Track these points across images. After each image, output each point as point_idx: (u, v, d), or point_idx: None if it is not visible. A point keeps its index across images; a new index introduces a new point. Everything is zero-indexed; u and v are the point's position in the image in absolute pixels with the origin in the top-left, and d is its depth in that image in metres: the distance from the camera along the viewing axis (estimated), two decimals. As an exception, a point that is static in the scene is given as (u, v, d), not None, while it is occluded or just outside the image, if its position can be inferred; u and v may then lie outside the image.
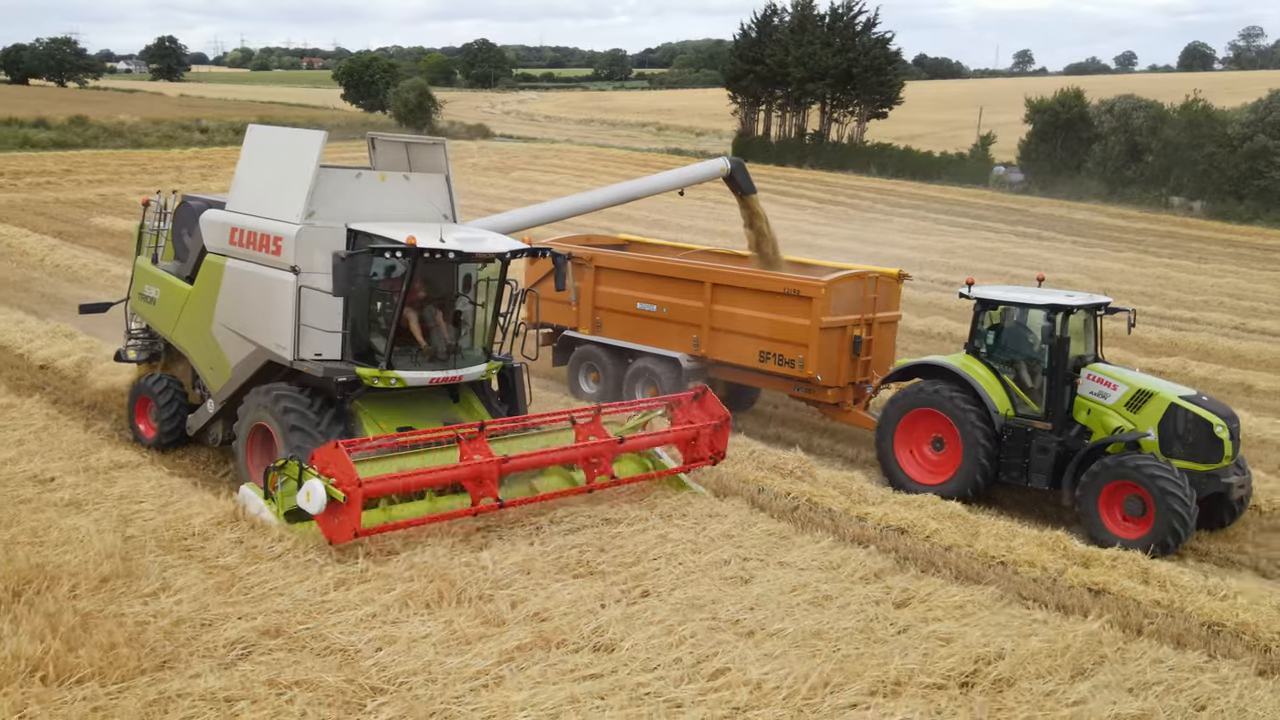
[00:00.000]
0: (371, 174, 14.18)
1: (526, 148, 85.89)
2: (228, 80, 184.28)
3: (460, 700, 8.10)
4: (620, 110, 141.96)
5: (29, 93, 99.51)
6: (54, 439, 13.72)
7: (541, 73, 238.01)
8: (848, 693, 8.55)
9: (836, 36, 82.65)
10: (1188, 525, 13.38)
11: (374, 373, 12.99)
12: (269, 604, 9.40)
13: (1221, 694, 9.09)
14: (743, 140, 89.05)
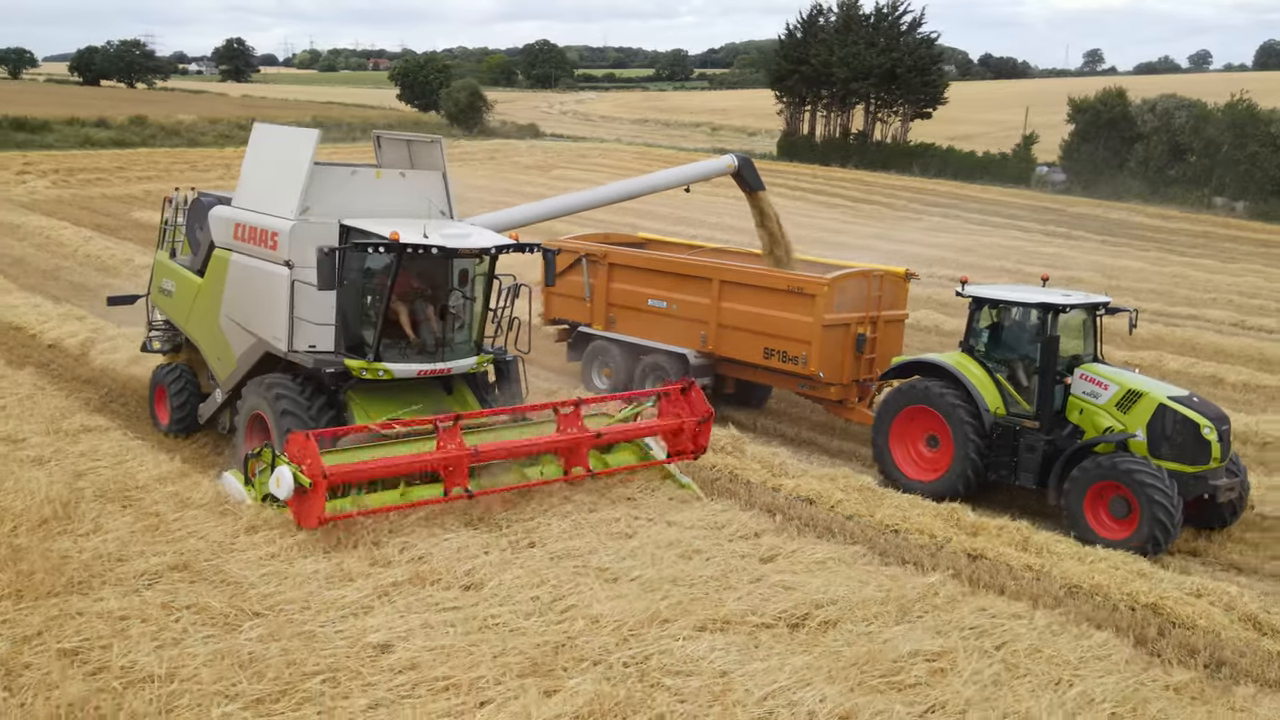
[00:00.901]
0: (367, 171, 14.51)
1: (574, 147, 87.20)
2: (294, 81, 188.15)
3: (327, 624, 9.24)
4: (675, 110, 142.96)
5: (98, 93, 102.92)
6: (35, 406, 15.11)
7: (603, 73, 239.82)
8: (674, 627, 9.55)
9: (881, 36, 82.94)
10: (1172, 527, 13.29)
11: (362, 364, 13.26)
12: (184, 544, 10.63)
13: (1025, 637, 9.97)
14: (788, 140, 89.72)
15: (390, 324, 13.58)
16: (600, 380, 19.54)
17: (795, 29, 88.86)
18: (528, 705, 8.06)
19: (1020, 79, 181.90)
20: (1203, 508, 14.35)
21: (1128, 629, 11.17)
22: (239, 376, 14.37)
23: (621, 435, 13.94)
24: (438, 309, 14.05)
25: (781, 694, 8.54)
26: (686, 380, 14.24)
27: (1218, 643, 11.10)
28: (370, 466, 11.72)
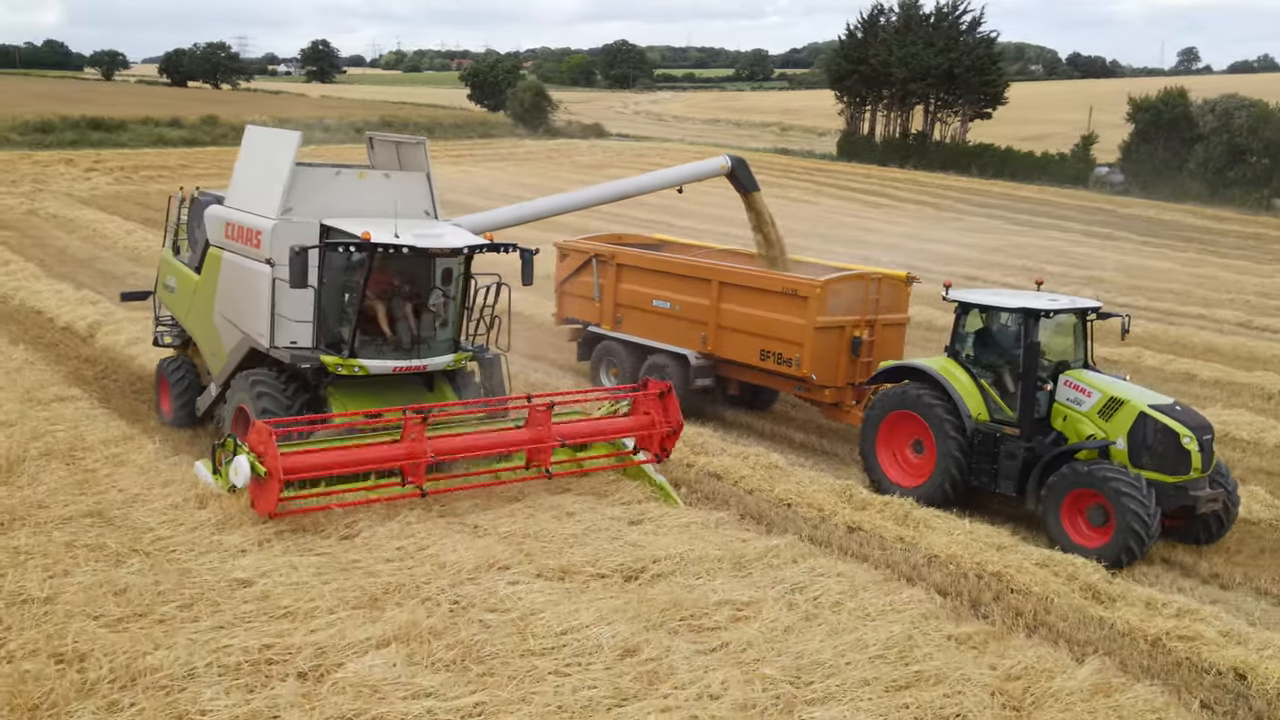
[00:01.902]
0: (350, 172, 14.80)
1: (634, 147, 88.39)
2: (378, 81, 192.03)
3: (202, 564, 10.55)
4: (748, 110, 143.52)
5: (181, 94, 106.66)
6: (18, 376, 16.71)
7: (683, 73, 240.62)
8: (512, 573, 10.68)
9: (940, 36, 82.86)
10: (1147, 537, 13.08)
11: (337, 360, 13.56)
12: (105, 496, 12.05)
13: (836, 592, 10.91)
14: (848, 140, 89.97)
15: (369, 321, 13.93)
16: (608, 380, 19.60)
17: (856, 29, 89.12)
18: (346, 629, 9.27)
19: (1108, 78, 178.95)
20: (1190, 521, 14.07)
21: (960, 592, 12.03)
22: (229, 371, 14.71)
23: (586, 434, 14.05)
24: (415, 307, 14.30)
25: (580, 630, 9.63)
26: (664, 385, 14.37)
27: (1046, 606, 11.91)
28: (327, 460, 12.02)
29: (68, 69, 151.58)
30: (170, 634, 9.12)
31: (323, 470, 12.01)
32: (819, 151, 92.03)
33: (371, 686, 8.49)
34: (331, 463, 12.06)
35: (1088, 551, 13.30)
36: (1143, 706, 9.22)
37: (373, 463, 12.27)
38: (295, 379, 13.97)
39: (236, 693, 8.25)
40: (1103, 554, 13.19)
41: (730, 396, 19.36)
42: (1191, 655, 11.01)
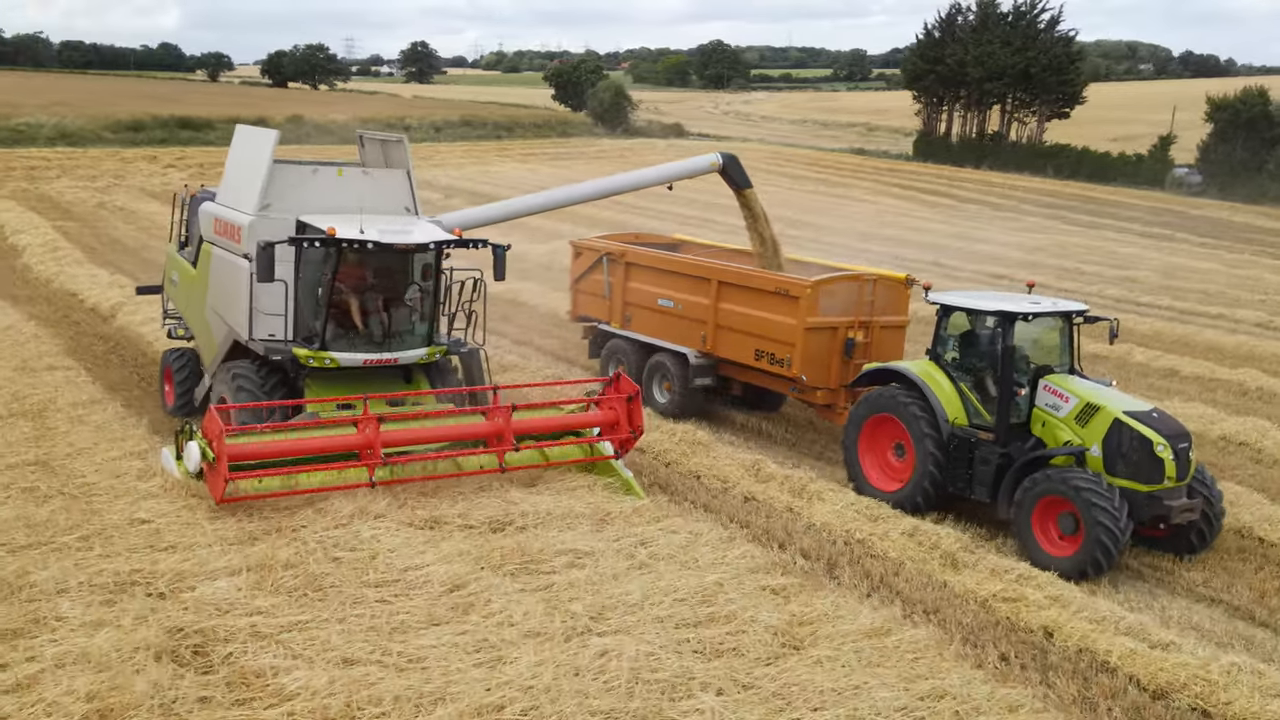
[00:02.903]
0: (328, 169, 15.23)
1: (709, 145, 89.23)
2: (477, 82, 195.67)
3: (115, 505, 12.01)
4: (838, 111, 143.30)
5: (277, 94, 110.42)
6: (21, 348, 18.48)
7: (780, 73, 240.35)
8: (383, 521, 11.92)
9: (1018, 35, 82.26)
10: (1115, 547, 12.80)
11: (309, 353, 13.93)
12: (55, 448, 13.63)
13: (674, 545, 11.95)
14: (924, 141, 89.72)
15: (344, 315, 14.33)
16: None
17: (933, 29, 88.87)
18: (208, 559, 10.63)
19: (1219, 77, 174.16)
20: (1175, 532, 13.83)
21: (820, 555, 12.99)
22: (217, 362, 15.18)
23: (544, 428, 14.38)
24: (386, 301, 14.61)
25: (420, 568, 10.85)
26: (635, 389, 14.57)
27: (896, 570, 12.81)
28: (275, 448, 12.42)
29: (179, 71, 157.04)
30: (60, 559, 10.56)
31: (266, 455, 12.34)
32: (895, 152, 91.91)
33: (213, 605, 9.83)
34: (279, 450, 12.43)
35: (1058, 561, 13.07)
36: (907, 647, 10.10)
37: (322, 452, 12.60)
38: (274, 370, 14.38)
39: (94, 606, 9.64)
40: (1072, 564, 12.96)
41: (734, 397, 19.34)
42: (1011, 614, 11.83)
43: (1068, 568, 12.99)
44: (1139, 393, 21.88)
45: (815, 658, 9.83)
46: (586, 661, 9.28)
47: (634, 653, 9.48)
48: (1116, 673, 10.76)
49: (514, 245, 34.42)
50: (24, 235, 31.07)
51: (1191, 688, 10.44)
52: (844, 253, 39.09)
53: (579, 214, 43.46)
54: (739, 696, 9.05)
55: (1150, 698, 10.41)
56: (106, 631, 9.10)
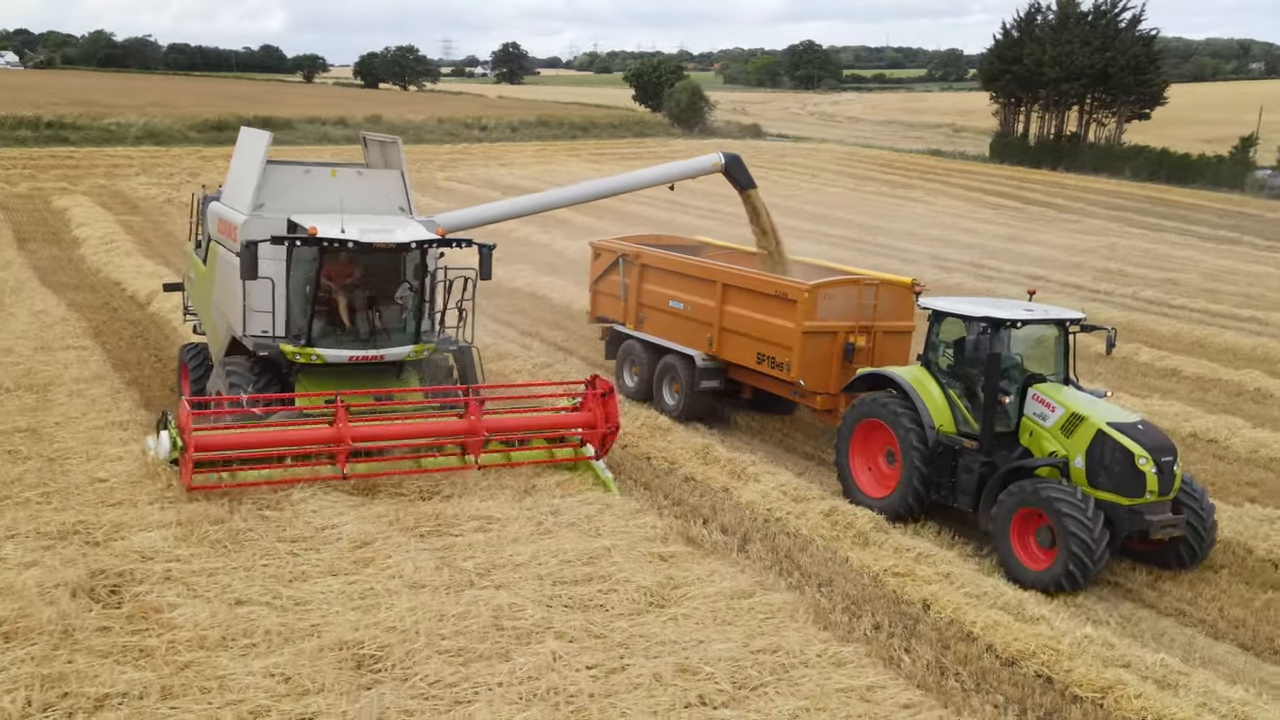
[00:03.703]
0: (321, 170, 15.72)
1: (781, 146, 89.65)
2: (569, 83, 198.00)
3: (84, 466, 13.34)
4: (926, 112, 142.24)
5: (367, 95, 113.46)
6: (46, 330, 20.02)
7: (873, 74, 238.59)
8: (324, 488, 13.04)
9: (1097, 35, 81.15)
10: (1091, 561, 12.50)
11: (295, 349, 14.31)
12: (47, 417, 15.04)
13: (579, 513, 12.91)
14: (1000, 142, 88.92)
15: (332, 312, 14.73)
16: (630, 379, 19.64)
17: (1012, 28, 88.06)
18: (149, 512, 11.87)
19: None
20: (1162, 547, 13.57)
21: (736, 531, 13.84)
22: (219, 357, 15.65)
23: (519, 428, 14.75)
24: (370, 299, 15.00)
25: (335, 528, 11.97)
26: (608, 385, 14.90)
27: (803, 546, 13.59)
28: (243, 440, 12.95)
29: (278, 72, 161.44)
30: (16, 511, 11.90)
31: (233, 446, 12.85)
32: (972, 154, 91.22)
33: (139, 552, 11.04)
34: (247, 442, 12.92)
35: (1034, 575, 12.86)
36: (761, 609, 10.92)
37: (290, 444, 13.10)
38: (267, 366, 14.83)
39: (33, 550, 10.91)
40: (1047, 578, 12.71)
41: (745, 400, 19.07)
42: (897, 588, 12.56)
43: (1043, 582, 12.70)
44: (1128, 391, 22.26)
45: (672, 615, 10.71)
46: (454, 609, 10.28)
47: (501, 603, 10.47)
48: (976, 641, 11.45)
49: (551, 241, 35.62)
50: (86, 228, 33.05)
51: (1040, 656, 11.09)
52: (881, 252, 39.63)
53: (625, 211, 44.62)
54: (585, 644, 9.96)
55: (1001, 664, 11.07)
56: (35, 570, 10.35)
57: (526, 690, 9.07)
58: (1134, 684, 10.53)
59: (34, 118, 58.83)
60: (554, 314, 26.65)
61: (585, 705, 8.90)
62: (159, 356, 20.12)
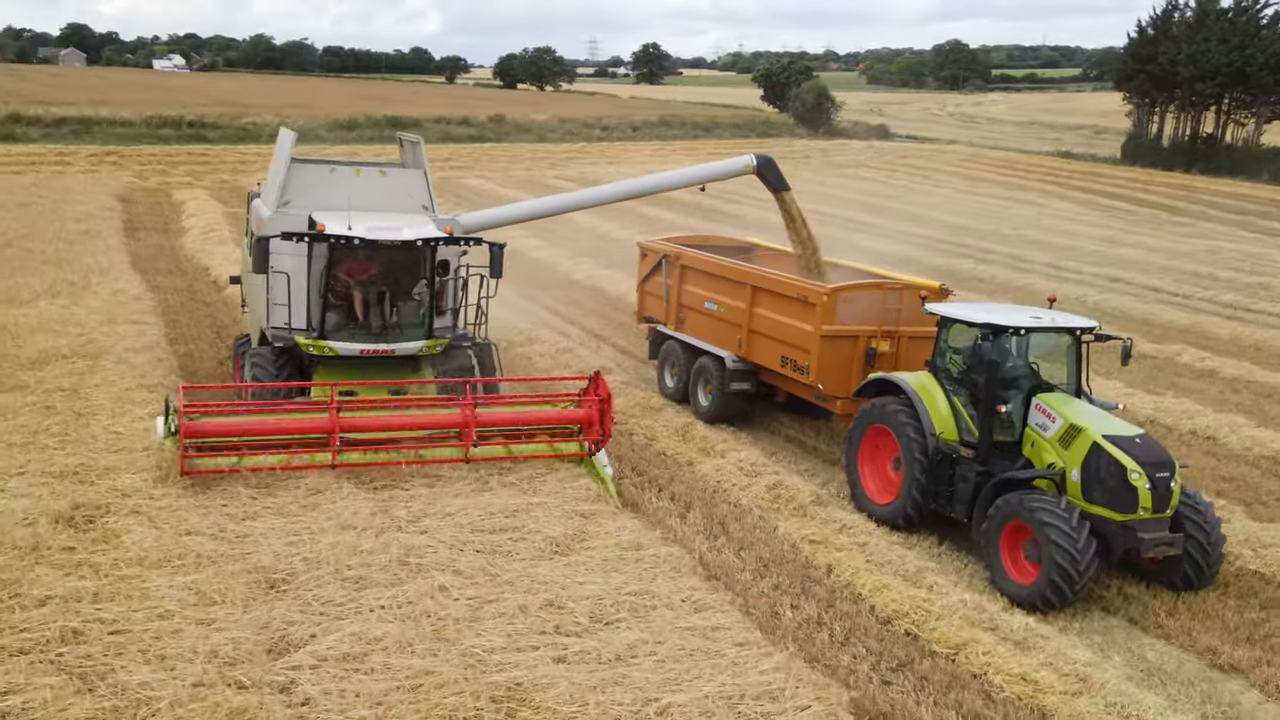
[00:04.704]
0: (346, 169, 16.46)
1: (909, 148, 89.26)
2: (709, 83, 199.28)
3: (97, 420, 15.17)
4: (1070, 113, 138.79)
5: (502, 95, 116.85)
6: (120, 306, 22.12)
7: (1024, 73, 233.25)
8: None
9: (1236, 33, 78.52)
10: (1077, 575, 12.08)
11: (308, 341, 14.81)
12: (88, 380, 17.00)
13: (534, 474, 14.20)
14: (1133, 143, 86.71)
15: (349, 306, 15.38)
16: (670, 379, 19.68)
17: (1147, 26, 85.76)
18: (140, 459, 13.58)
19: None
20: (1165, 566, 13.10)
21: (680, 499, 14.98)
22: (253, 347, 16.47)
23: (511, 422, 15.03)
24: (380, 294, 15.48)
25: (298, 478, 13.48)
26: (609, 394, 15.14)
27: (740, 515, 14.65)
28: (234, 427, 13.60)
29: (426, 74, 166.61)
30: (34, 454, 13.80)
31: (223, 433, 13.51)
32: (1104, 156, 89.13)
33: (120, 490, 12.78)
34: (239, 429, 13.58)
35: (1020, 589, 12.55)
36: (648, 561, 12.06)
37: (280, 433, 13.61)
38: (290, 358, 15.50)
39: (33, 486, 12.74)
40: (1031, 592, 12.39)
41: (780, 404, 18.90)
42: (810, 554, 13.54)
43: (1027, 596, 12.41)
44: (1157, 388, 22.47)
45: (567, 562, 11.93)
46: (368, 545, 11.71)
47: (415, 544, 11.87)
48: (861, 602, 12.38)
49: (629, 237, 36.86)
50: (195, 219, 35.73)
51: (912, 616, 11.98)
52: (960, 253, 39.80)
53: (710, 207, 45.63)
54: (475, 580, 11.27)
55: (877, 623, 11.98)
56: (24, 500, 12.16)
57: (402, 613, 10.42)
58: (987, 642, 11.36)
59: (177, 117, 62.94)
60: (603, 305, 27.86)
61: (447, 627, 10.20)
62: (219, 334, 22.11)
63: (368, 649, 9.71)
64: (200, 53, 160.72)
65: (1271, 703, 11.07)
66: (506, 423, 15.04)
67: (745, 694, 9.40)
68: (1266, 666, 11.62)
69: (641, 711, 9.07)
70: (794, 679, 9.69)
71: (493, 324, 22.68)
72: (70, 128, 58.34)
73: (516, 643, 10.09)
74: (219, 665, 9.26)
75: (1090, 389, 14.66)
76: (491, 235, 16.69)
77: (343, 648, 9.68)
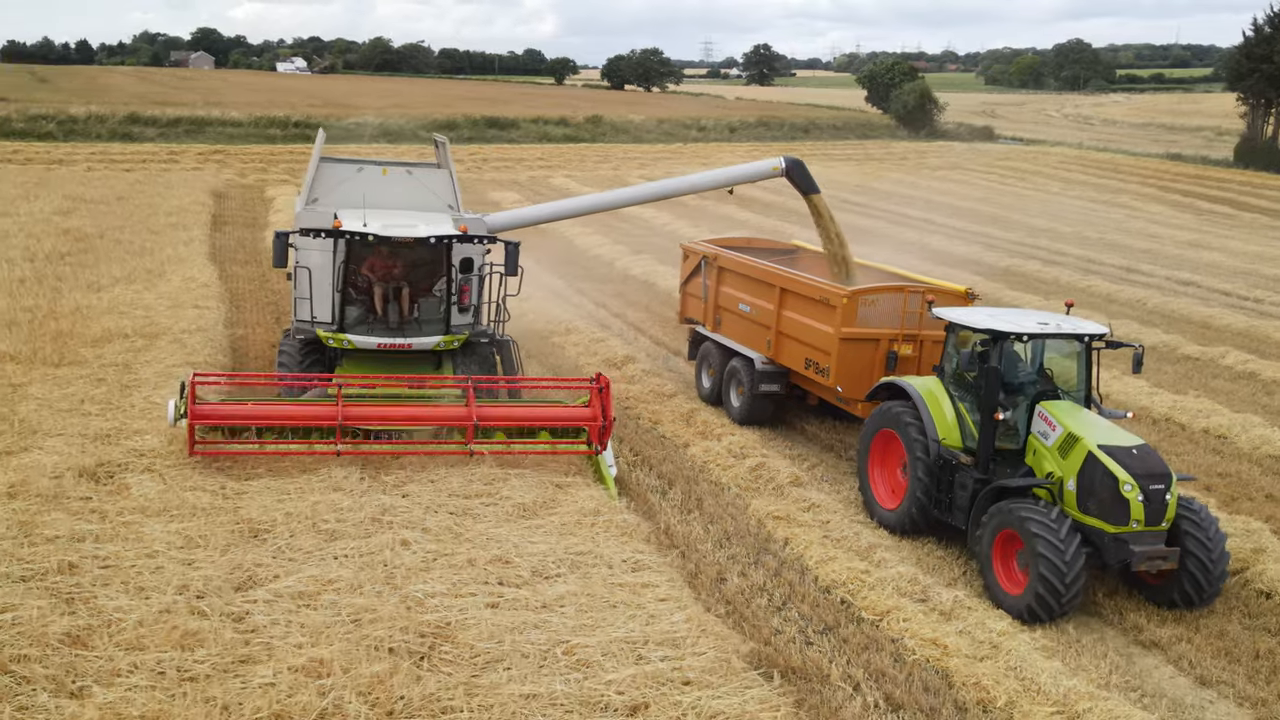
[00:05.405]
0: (373, 168, 17.02)
1: (1012, 150, 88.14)
2: (822, 84, 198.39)
3: (144, 391, 16.70)
4: (1194, 114, 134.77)
5: (605, 96, 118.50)
6: (187, 293, 23.61)
7: (1151, 73, 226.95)
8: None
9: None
10: (1063, 587, 11.92)
11: (328, 334, 15.32)
12: (141, 357, 18.60)
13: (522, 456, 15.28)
14: (1245, 145, 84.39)
15: (370, 301, 15.98)
16: (707, 379, 19.83)
17: (1264, 24, 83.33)
18: (162, 426, 15.04)
19: None
20: (1165, 582, 12.78)
21: (665, 476, 15.96)
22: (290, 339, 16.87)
23: (510, 419, 15.23)
24: (398, 290, 15.92)
25: (304, 444, 14.82)
26: (605, 380, 15.24)
27: (718, 492, 15.58)
28: (239, 412, 14.22)
29: (537, 74, 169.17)
30: (76, 419, 15.33)
31: (229, 419, 14.06)
32: (1217, 158, 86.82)
33: (139, 450, 14.20)
34: (243, 415, 14.16)
35: (1010, 599, 12.43)
36: (601, 526, 12.98)
37: (283, 420, 14.27)
38: (316, 350, 16.12)
39: (69, 445, 14.22)
40: (1020, 603, 12.28)
41: (812, 407, 19.01)
42: (772, 528, 14.41)
43: (1017, 606, 12.29)
44: (1184, 388, 22.59)
45: (528, 525, 12.97)
46: (348, 504, 12.92)
47: (390, 504, 13.06)
48: (807, 573, 13.21)
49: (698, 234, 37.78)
50: (281, 214, 37.63)
51: (849, 585, 12.78)
52: (1031, 254, 39.81)
53: (787, 207, 46.23)
54: (438, 537, 12.37)
55: (817, 591, 12.80)
56: (56, 457, 13.67)
57: (362, 561, 11.58)
58: (910, 610, 12.09)
59: (284, 118, 65.77)
60: (651, 299, 28.75)
61: (396, 573, 11.33)
62: (278, 320, 23.70)
63: (321, 589, 10.88)
64: (321, 55, 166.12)
65: (1182, 677, 11.58)
66: (509, 420, 15.24)
67: (649, 640, 10.31)
68: (1185, 644, 12.12)
69: (550, 651, 10.04)
70: (698, 629, 10.56)
71: (535, 315, 24.14)
72: (184, 127, 61.52)
73: (457, 590, 11.15)
74: (188, 597, 10.53)
75: (1101, 396, 14.28)
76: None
77: (299, 587, 10.88)
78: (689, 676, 9.70)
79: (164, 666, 9.29)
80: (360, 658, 9.54)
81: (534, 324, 24.02)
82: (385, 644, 9.89)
